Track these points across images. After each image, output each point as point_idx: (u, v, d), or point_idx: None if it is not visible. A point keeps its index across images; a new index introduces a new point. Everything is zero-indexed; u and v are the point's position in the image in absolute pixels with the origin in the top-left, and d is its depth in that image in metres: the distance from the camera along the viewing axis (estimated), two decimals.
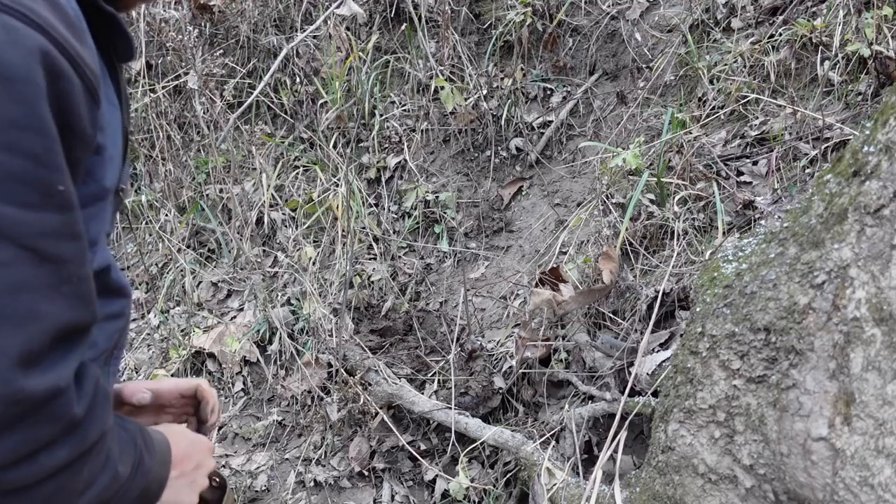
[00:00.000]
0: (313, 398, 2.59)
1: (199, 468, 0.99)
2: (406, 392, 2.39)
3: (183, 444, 0.97)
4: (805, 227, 1.17)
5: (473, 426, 2.19)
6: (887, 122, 1.04)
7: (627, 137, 2.76)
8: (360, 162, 3.22)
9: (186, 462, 0.96)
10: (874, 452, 1.01)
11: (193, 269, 3.14)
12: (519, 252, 2.90)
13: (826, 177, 1.16)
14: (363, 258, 2.96)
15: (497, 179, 3.13)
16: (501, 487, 2.13)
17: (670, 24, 2.95)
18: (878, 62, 2.19)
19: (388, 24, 3.38)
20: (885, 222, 1.01)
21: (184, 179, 3.39)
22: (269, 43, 3.41)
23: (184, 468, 0.95)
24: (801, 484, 1.12)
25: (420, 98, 3.22)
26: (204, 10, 3.40)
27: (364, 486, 2.40)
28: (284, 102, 3.32)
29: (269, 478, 2.47)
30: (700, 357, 1.32)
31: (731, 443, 1.26)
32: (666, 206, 2.31)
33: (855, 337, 1.04)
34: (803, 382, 1.12)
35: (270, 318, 2.76)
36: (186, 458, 0.96)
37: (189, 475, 0.96)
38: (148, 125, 3.44)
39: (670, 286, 2.05)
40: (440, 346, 2.64)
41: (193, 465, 0.97)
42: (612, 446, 1.75)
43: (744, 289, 1.26)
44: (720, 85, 2.54)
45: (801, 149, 2.24)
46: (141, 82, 3.37)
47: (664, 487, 1.41)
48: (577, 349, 2.18)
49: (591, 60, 3.15)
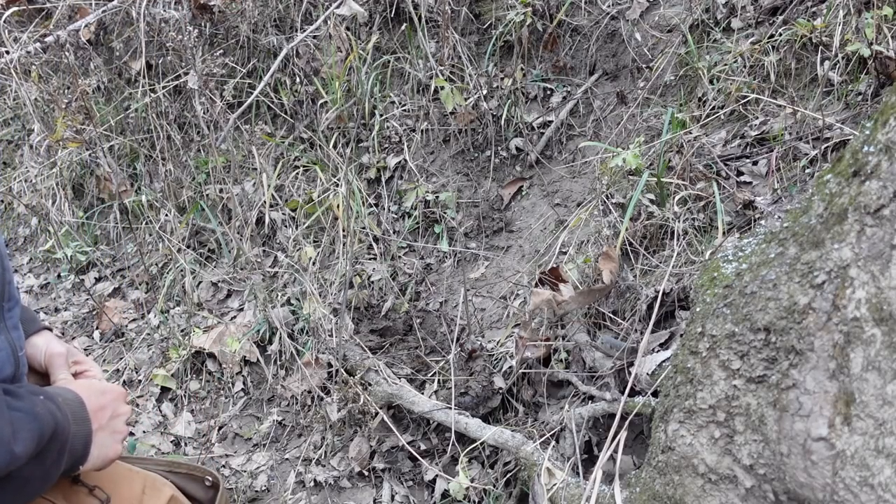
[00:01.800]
0: (313, 398, 2.59)
1: (115, 416, 0.99)
2: (406, 392, 2.39)
3: (94, 397, 0.97)
4: (805, 227, 1.17)
5: (473, 426, 2.19)
6: (887, 122, 1.04)
7: (627, 137, 2.76)
8: (360, 162, 3.22)
9: (101, 414, 0.96)
10: (874, 452, 1.01)
11: (193, 269, 3.14)
12: (519, 252, 2.89)
13: (826, 177, 1.16)
14: (363, 258, 2.96)
15: (497, 179, 3.13)
16: (501, 487, 2.13)
17: (670, 24, 2.95)
18: (878, 62, 2.19)
19: (388, 24, 3.38)
20: (885, 222, 1.01)
21: (184, 179, 3.39)
22: (269, 43, 3.41)
23: (100, 420, 0.95)
24: (801, 484, 1.12)
25: (420, 98, 3.22)
26: (204, 10, 3.40)
27: (364, 486, 2.40)
28: (284, 102, 3.32)
29: (269, 478, 2.47)
30: (700, 357, 1.32)
31: (731, 443, 1.26)
32: (666, 206, 2.31)
33: (855, 337, 1.04)
34: (803, 382, 1.12)
35: (270, 318, 2.76)
36: (100, 409, 0.96)
37: (108, 426, 0.96)
38: (148, 125, 3.44)
39: (670, 286, 2.05)
40: (440, 346, 2.64)
41: (109, 415, 0.97)
42: (612, 446, 1.75)
43: (744, 289, 1.26)
44: (720, 85, 2.54)
45: (801, 149, 2.24)
46: (141, 82, 3.37)
47: (664, 487, 1.41)
48: (577, 349, 2.18)
49: (591, 60, 3.15)
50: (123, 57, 3.63)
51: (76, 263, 3.52)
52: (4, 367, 0.94)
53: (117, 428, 0.99)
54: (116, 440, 0.98)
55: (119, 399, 1.02)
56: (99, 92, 3.68)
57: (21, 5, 3.73)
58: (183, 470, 1.24)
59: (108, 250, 3.58)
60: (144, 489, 1.14)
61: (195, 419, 2.72)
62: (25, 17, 3.76)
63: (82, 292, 3.43)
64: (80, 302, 3.41)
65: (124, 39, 3.62)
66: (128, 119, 3.58)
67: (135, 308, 3.24)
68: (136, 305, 3.24)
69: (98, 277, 3.51)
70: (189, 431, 2.67)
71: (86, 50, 3.59)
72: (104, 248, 3.59)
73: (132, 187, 3.53)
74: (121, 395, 1.03)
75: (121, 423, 1.00)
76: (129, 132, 3.56)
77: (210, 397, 2.80)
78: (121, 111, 3.60)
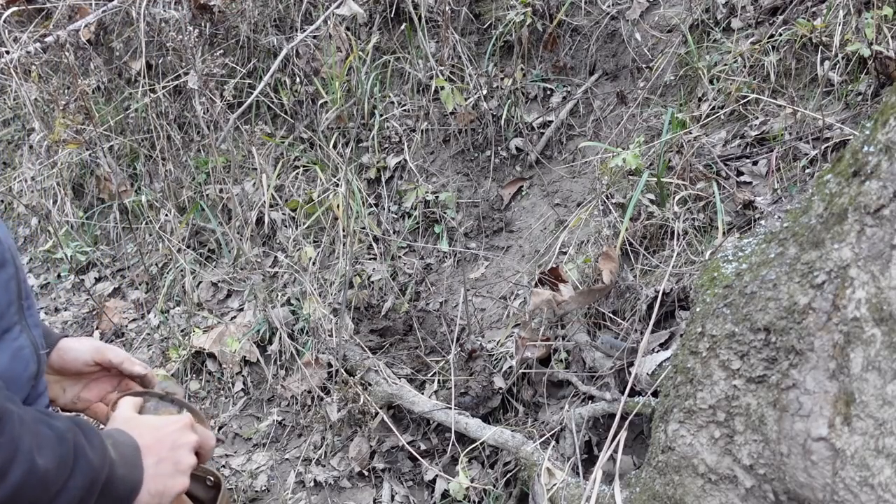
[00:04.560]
0: (313, 398, 2.59)
1: (176, 448, 0.95)
2: (406, 392, 2.39)
3: (147, 432, 0.94)
4: (805, 227, 1.17)
5: (473, 426, 2.19)
6: (887, 122, 1.04)
7: (627, 137, 2.76)
8: (360, 162, 3.22)
9: (159, 447, 0.93)
10: (874, 452, 1.01)
11: (193, 269, 3.14)
12: (519, 252, 2.89)
13: (826, 177, 1.16)
14: (363, 258, 2.96)
15: (497, 179, 3.13)
16: (501, 487, 2.13)
17: (670, 24, 2.95)
18: (878, 62, 2.19)
19: (388, 24, 3.38)
20: (885, 222, 1.01)
21: (184, 179, 3.39)
22: (269, 43, 3.41)
23: (159, 454, 0.92)
24: (801, 484, 1.12)
25: (420, 98, 3.22)
26: (204, 10, 3.40)
27: (364, 486, 2.40)
28: (284, 102, 3.32)
29: (269, 478, 2.48)
30: (700, 357, 1.32)
31: (731, 443, 1.26)
32: (666, 206, 2.31)
33: (855, 337, 1.04)
34: (803, 382, 1.12)
35: (270, 318, 2.76)
36: (157, 443, 0.93)
37: (168, 459, 0.93)
38: (148, 125, 3.44)
39: (670, 286, 2.05)
40: (440, 346, 2.64)
41: (169, 447, 0.94)
42: (612, 446, 1.75)
43: (744, 289, 1.26)
44: (720, 85, 2.54)
45: (801, 149, 2.24)
46: (141, 82, 3.37)
47: (664, 487, 1.41)
48: (577, 349, 2.18)
49: (591, 60, 3.15)
50: (123, 57, 3.63)
51: (76, 263, 3.52)
52: (29, 364, 0.93)
53: (180, 459, 0.94)
54: (180, 471, 0.94)
55: (183, 429, 0.98)
56: (99, 92, 3.68)
57: (21, 5, 3.72)
58: None
59: (108, 250, 3.58)
60: None
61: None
62: (25, 17, 3.75)
63: (82, 292, 3.43)
64: (80, 302, 3.41)
65: (124, 39, 3.62)
66: (128, 119, 3.58)
67: (135, 308, 3.24)
68: (136, 305, 3.24)
69: (98, 277, 3.51)
70: None
71: (86, 50, 3.59)
72: (104, 248, 3.59)
73: (132, 187, 3.53)
74: (183, 425, 0.98)
75: (184, 454, 0.95)
76: (129, 132, 3.56)
77: (210, 397, 2.80)
78: (121, 111, 3.60)
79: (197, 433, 1.00)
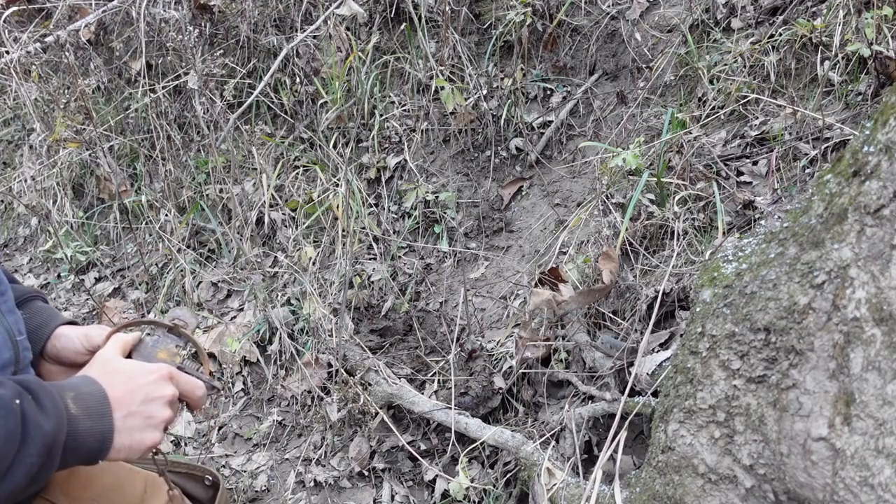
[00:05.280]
0: (313, 398, 2.59)
1: (149, 401, 0.88)
2: (406, 392, 2.39)
3: (120, 382, 0.87)
4: (805, 227, 1.17)
5: (473, 426, 2.19)
6: (887, 122, 1.04)
7: (627, 137, 2.75)
8: (360, 162, 3.22)
9: (130, 399, 0.86)
10: (874, 452, 1.01)
11: (193, 269, 3.14)
12: (519, 252, 2.89)
13: (826, 177, 1.15)
14: (363, 258, 2.96)
15: (497, 179, 3.13)
16: (501, 487, 2.13)
17: (670, 24, 2.94)
18: (878, 62, 2.19)
19: (388, 24, 3.38)
20: (885, 222, 1.01)
21: (184, 179, 3.39)
22: (269, 43, 3.41)
23: (129, 407, 0.86)
24: (801, 484, 1.12)
25: (420, 98, 3.22)
26: (204, 10, 3.40)
27: (364, 486, 2.40)
28: (284, 102, 3.32)
29: (269, 478, 2.47)
30: (700, 357, 1.32)
31: (731, 443, 1.26)
32: (666, 206, 2.30)
33: (855, 337, 1.04)
34: (803, 382, 1.12)
35: (270, 318, 2.76)
36: (128, 394, 0.87)
37: (139, 413, 0.87)
38: (148, 125, 3.44)
39: (670, 286, 2.05)
40: (440, 346, 2.64)
41: (140, 400, 0.87)
42: (612, 446, 1.75)
43: (744, 289, 1.26)
44: (720, 85, 2.54)
45: (801, 149, 2.24)
46: (141, 82, 3.37)
47: (664, 487, 1.41)
48: (577, 349, 2.18)
49: (591, 60, 3.15)
50: (123, 57, 3.63)
51: (76, 263, 3.52)
52: (2, 350, 0.90)
53: (152, 413, 0.87)
54: (152, 425, 0.87)
55: (158, 381, 0.90)
56: (99, 92, 3.68)
57: (21, 5, 3.72)
58: (183, 469, 1.24)
59: (108, 250, 3.58)
60: (146, 489, 1.14)
61: (195, 419, 2.72)
62: (25, 17, 3.75)
63: (82, 292, 3.43)
64: (80, 302, 3.41)
65: (124, 39, 3.62)
66: (128, 119, 3.57)
67: (135, 308, 3.24)
68: (136, 305, 3.24)
69: (98, 277, 3.51)
70: (189, 431, 2.67)
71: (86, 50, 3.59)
72: (104, 248, 3.59)
73: (132, 187, 3.53)
74: (160, 377, 0.91)
75: (157, 408, 0.88)
76: (129, 132, 3.56)
77: (210, 397, 2.80)
78: (121, 111, 3.60)
79: (179, 383, 0.94)
